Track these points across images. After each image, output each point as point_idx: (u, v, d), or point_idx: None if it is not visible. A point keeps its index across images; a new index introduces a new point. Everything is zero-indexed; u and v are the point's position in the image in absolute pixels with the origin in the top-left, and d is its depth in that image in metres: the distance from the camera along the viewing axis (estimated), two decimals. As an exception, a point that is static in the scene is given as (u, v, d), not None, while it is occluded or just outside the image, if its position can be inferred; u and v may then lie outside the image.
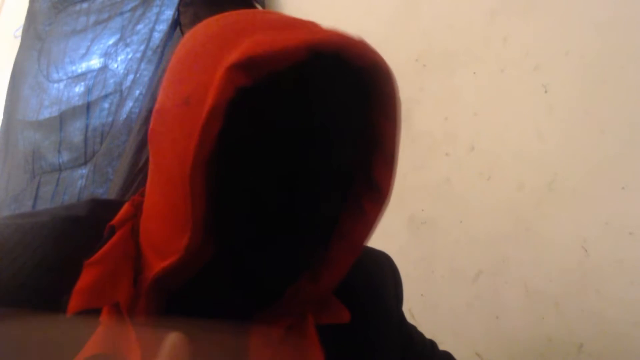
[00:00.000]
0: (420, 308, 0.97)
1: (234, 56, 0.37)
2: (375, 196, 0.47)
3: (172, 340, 0.30)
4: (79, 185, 1.54)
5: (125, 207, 0.47)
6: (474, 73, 1.01)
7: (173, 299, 0.44)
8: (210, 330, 0.46)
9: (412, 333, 0.61)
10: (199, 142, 0.36)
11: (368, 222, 0.47)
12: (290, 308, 0.46)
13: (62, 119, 1.67)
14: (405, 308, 0.62)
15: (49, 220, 0.45)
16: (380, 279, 0.58)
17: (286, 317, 0.47)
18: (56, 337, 0.40)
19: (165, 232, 0.41)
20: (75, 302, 0.40)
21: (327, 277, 0.46)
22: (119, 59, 1.59)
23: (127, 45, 1.58)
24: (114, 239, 0.44)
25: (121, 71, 1.56)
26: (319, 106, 0.40)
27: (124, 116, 1.48)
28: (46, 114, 1.73)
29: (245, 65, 0.37)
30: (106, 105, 1.57)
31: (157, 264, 0.40)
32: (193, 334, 0.45)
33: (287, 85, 0.39)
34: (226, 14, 0.43)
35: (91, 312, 0.40)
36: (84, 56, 1.70)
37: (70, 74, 1.72)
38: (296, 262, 0.44)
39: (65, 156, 1.63)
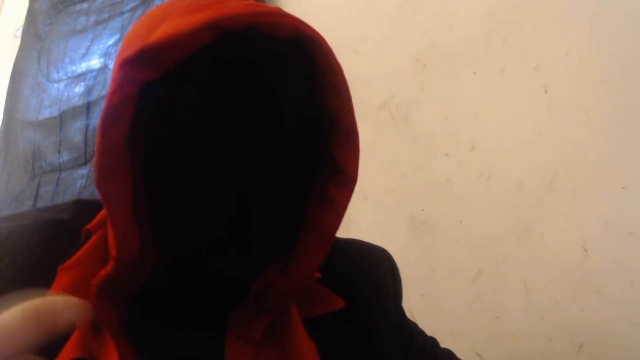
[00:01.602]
0: (420, 308, 0.97)
1: (128, 52, 0.34)
2: (340, 179, 0.43)
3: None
4: (79, 185, 1.54)
5: (104, 210, 0.45)
6: (474, 73, 1.01)
7: (136, 302, 0.42)
8: (181, 334, 0.44)
9: (413, 331, 0.61)
10: (101, 146, 0.34)
11: (335, 209, 0.43)
12: (265, 304, 0.44)
13: (62, 119, 1.67)
14: (405, 308, 0.62)
15: (31, 224, 0.44)
16: (378, 275, 0.56)
17: (264, 314, 0.44)
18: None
19: (110, 237, 0.39)
20: None
21: (296, 273, 0.43)
22: (119, 59, 1.59)
23: (127, 45, 1.58)
24: (89, 243, 0.42)
25: (121, 71, 1.56)
26: (236, 87, 0.37)
27: (124, 116, 1.48)
28: (46, 114, 1.73)
29: (140, 59, 0.34)
30: (106, 105, 1.56)
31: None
32: (160, 341, 0.43)
33: (194, 70, 0.36)
34: (161, 4, 0.40)
35: None
36: (84, 56, 1.70)
37: (70, 74, 1.72)
38: (253, 256, 0.41)
39: (65, 156, 1.62)
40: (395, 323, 0.57)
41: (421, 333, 0.62)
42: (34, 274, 0.41)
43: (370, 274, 0.56)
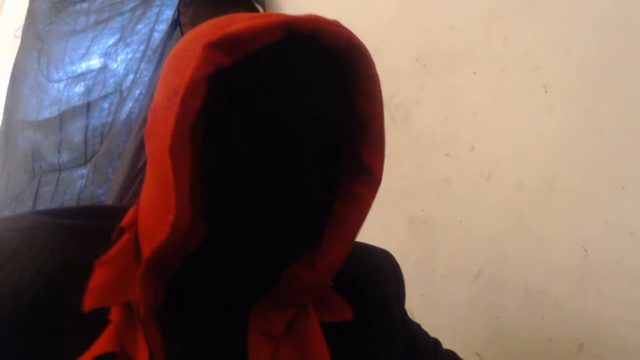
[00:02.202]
0: (420, 308, 0.97)
1: (211, 37, 0.39)
2: (367, 179, 0.47)
3: None
4: (79, 185, 1.54)
5: (132, 210, 0.48)
6: (474, 73, 1.01)
7: (170, 289, 0.44)
8: (207, 326, 0.46)
9: (415, 331, 0.61)
10: (179, 113, 0.38)
11: (361, 207, 0.47)
12: (288, 297, 0.46)
13: (62, 119, 1.67)
14: (405, 308, 0.62)
15: (48, 227, 0.45)
16: (381, 276, 0.58)
17: (286, 308, 0.46)
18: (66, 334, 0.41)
19: (155, 216, 0.41)
20: (90, 300, 0.41)
21: (322, 264, 0.46)
22: (119, 59, 1.59)
23: (127, 45, 1.58)
24: (122, 240, 0.45)
25: (121, 71, 1.56)
26: (296, 82, 0.41)
27: (124, 116, 1.48)
28: (46, 114, 1.73)
29: (222, 44, 0.38)
30: (106, 105, 1.56)
31: (148, 249, 0.41)
32: (189, 330, 0.45)
33: (263, 62, 0.40)
34: (214, 18, 0.45)
35: (99, 311, 0.41)
36: (84, 56, 1.70)
37: (70, 74, 1.72)
38: (287, 242, 0.44)
39: (65, 156, 1.62)
40: (398, 324, 0.57)
41: (424, 333, 0.63)
42: (55, 275, 0.42)
43: (376, 276, 0.58)
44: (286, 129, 0.41)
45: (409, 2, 1.14)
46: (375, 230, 1.11)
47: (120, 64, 1.58)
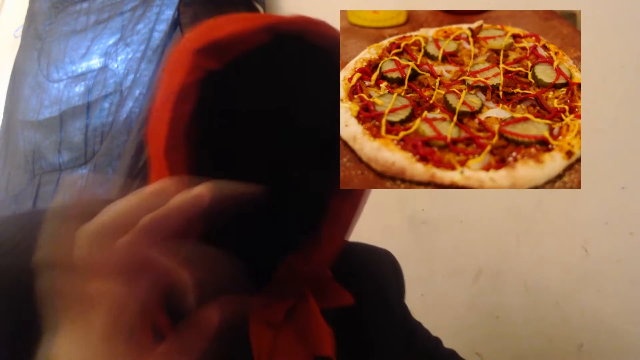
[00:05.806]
0: (420, 308, 0.97)
1: (200, 43, 0.40)
2: None
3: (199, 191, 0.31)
4: (79, 185, 1.54)
5: None
6: (474, 73, 1.01)
7: None
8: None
9: (415, 328, 0.62)
10: (171, 118, 0.40)
11: (354, 199, 0.48)
12: (286, 288, 0.47)
13: (62, 119, 1.67)
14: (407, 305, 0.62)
15: None
16: (380, 274, 0.59)
17: (285, 298, 0.47)
18: None
19: None
20: None
21: (318, 257, 0.47)
22: (119, 58, 1.59)
23: (127, 45, 1.58)
24: None
25: (121, 71, 1.56)
26: (283, 81, 0.43)
27: (124, 116, 1.48)
28: (46, 113, 1.73)
29: (210, 50, 0.40)
30: (106, 105, 1.56)
31: None
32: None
33: (252, 66, 0.42)
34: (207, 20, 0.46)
35: None
36: (84, 56, 1.70)
37: (70, 74, 1.72)
38: (282, 236, 0.45)
39: (66, 156, 1.62)
40: (398, 321, 0.58)
41: (424, 331, 0.63)
42: None
43: (375, 274, 0.58)
44: (277, 127, 0.42)
45: (409, 2, 1.14)
46: (375, 230, 1.11)
47: (120, 64, 1.58)
